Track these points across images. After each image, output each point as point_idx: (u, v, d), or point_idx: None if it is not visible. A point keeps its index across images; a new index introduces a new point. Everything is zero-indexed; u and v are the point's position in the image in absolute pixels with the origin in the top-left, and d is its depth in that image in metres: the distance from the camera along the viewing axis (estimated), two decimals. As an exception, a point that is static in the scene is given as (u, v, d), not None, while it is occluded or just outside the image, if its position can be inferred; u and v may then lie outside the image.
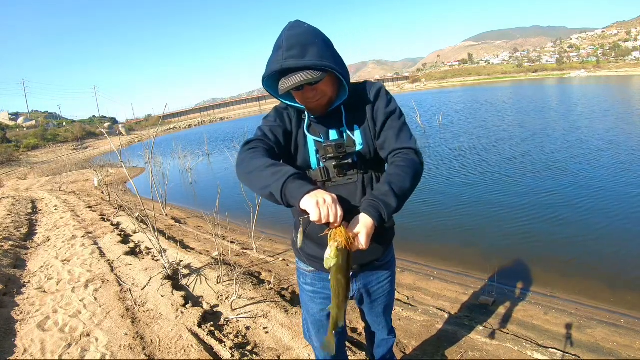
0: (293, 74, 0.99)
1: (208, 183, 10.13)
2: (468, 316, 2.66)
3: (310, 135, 1.14)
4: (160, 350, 2.24)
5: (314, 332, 1.36)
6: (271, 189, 0.90)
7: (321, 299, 1.28)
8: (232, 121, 58.35)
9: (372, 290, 1.30)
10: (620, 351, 2.21)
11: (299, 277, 1.35)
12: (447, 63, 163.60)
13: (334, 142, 1.08)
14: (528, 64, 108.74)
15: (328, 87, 1.07)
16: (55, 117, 70.63)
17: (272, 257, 4.09)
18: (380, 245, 1.20)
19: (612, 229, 4.16)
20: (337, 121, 1.14)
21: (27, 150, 34.35)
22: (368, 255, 1.17)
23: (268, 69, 1.03)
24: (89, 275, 3.55)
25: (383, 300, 1.35)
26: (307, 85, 1.03)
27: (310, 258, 1.23)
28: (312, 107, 1.11)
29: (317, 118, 1.14)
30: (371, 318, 1.42)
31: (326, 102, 1.10)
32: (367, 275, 1.27)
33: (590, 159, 7.17)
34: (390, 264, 1.33)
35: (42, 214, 7.36)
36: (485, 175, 6.88)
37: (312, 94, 1.05)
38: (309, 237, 1.18)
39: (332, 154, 1.09)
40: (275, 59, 1.01)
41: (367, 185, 1.13)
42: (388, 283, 1.33)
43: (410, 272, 3.59)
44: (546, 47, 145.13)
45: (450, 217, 5.07)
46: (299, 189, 0.87)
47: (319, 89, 1.05)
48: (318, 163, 1.14)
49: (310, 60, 0.98)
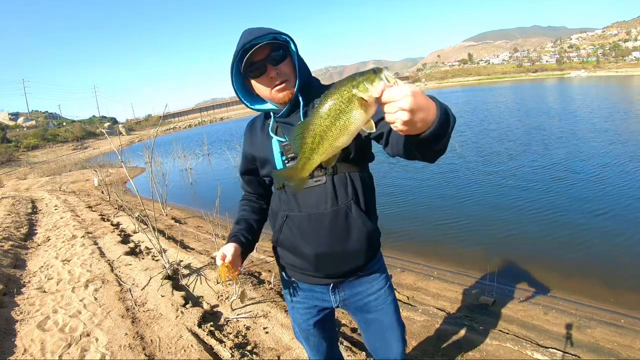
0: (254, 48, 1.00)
1: (208, 183, 10.12)
2: (468, 316, 2.66)
3: (276, 136, 1.12)
4: (160, 350, 2.24)
5: (302, 338, 1.34)
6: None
7: (304, 309, 1.25)
8: (232, 121, 58.35)
9: (362, 303, 1.20)
10: (620, 351, 2.21)
11: (284, 286, 1.31)
12: (447, 63, 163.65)
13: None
14: (528, 64, 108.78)
15: (290, 70, 1.08)
16: (55, 117, 70.69)
17: (272, 257, 4.08)
18: (361, 251, 1.11)
19: (613, 229, 4.16)
20: (299, 118, 1.09)
21: (27, 150, 34.35)
22: (349, 263, 1.12)
23: (233, 58, 1.05)
24: (89, 275, 3.55)
25: (380, 316, 1.20)
26: (270, 65, 1.04)
27: (288, 265, 1.22)
28: (277, 95, 1.08)
29: (282, 119, 1.12)
30: (370, 339, 1.28)
31: (291, 88, 1.08)
32: (352, 285, 1.18)
33: (590, 159, 7.17)
34: (378, 275, 1.21)
35: (42, 214, 7.36)
36: (485, 175, 6.88)
37: (275, 73, 1.05)
38: (284, 245, 1.18)
39: (293, 154, 1.07)
40: (237, 47, 1.03)
41: (339, 187, 1.07)
42: (382, 296, 1.20)
43: (410, 272, 3.59)
44: (546, 47, 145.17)
45: (450, 217, 5.06)
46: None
47: (281, 69, 1.05)
48: (284, 166, 1.11)
49: (272, 30, 1.03)
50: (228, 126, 40.23)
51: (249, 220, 1.27)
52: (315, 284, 1.20)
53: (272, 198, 1.25)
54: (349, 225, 1.08)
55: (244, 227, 1.24)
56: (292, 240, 1.14)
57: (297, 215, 1.11)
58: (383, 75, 0.66)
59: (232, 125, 39.91)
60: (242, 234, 1.21)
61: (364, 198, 1.11)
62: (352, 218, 1.08)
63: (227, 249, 1.12)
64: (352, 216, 1.08)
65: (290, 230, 1.13)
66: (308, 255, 1.11)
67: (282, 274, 1.29)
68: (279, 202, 1.17)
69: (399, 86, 0.65)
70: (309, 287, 1.21)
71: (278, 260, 1.26)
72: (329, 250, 1.09)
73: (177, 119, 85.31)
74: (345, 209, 1.07)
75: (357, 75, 0.69)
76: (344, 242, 1.09)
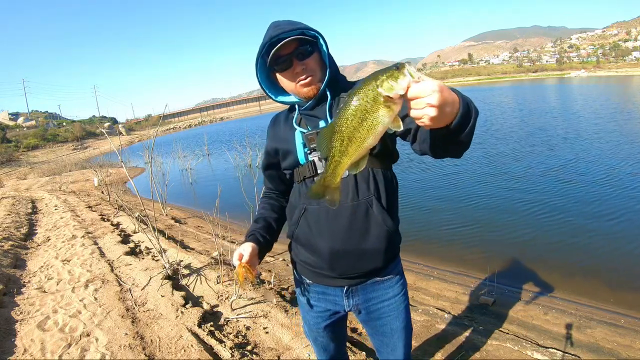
0: (282, 42, 1.00)
1: (208, 183, 10.12)
2: (468, 316, 2.66)
3: (299, 128, 1.11)
4: (160, 350, 2.24)
5: (311, 338, 1.32)
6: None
7: (316, 312, 1.22)
8: (232, 121, 58.39)
9: (374, 308, 1.16)
10: (620, 351, 2.21)
11: (296, 285, 1.29)
12: (447, 63, 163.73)
13: (317, 131, 1.05)
14: (528, 64, 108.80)
15: (316, 65, 1.07)
16: (55, 117, 70.69)
17: (272, 257, 4.09)
18: (380, 251, 1.07)
19: (612, 230, 4.16)
20: (325, 111, 1.09)
21: (27, 150, 34.35)
22: (366, 263, 1.08)
23: (259, 51, 1.04)
24: (89, 275, 3.55)
25: (389, 321, 1.17)
26: (297, 61, 1.03)
27: (302, 263, 1.19)
28: (302, 89, 1.07)
29: (307, 111, 1.11)
30: (376, 341, 1.25)
31: (316, 83, 1.07)
32: (367, 290, 1.14)
33: (591, 160, 7.18)
34: (396, 281, 1.17)
35: (42, 214, 7.36)
36: (485, 175, 6.88)
37: (301, 68, 1.04)
38: (299, 240, 1.16)
39: (315, 144, 1.04)
40: (264, 39, 1.03)
41: (361, 181, 1.04)
42: (395, 302, 1.16)
43: (410, 272, 3.59)
44: (546, 47, 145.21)
45: (450, 217, 5.06)
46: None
47: (308, 65, 1.05)
48: (306, 158, 1.09)
49: (301, 26, 1.03)
50: (228, 126, 40.21)
51: (268, 219, 1.25)
52: (329, 286, 1.15)
53: (291, 192, 1.21)
54: (369, 222, 1.05)
55: (262, 226, 1.21)
56: (307, 234, 1.11)
57: (316, 208, 1.08)
58: (406, 71, 0.64)
59: (232, 126, 39.89)
60: (259, 233, 1.19)
61: (386, 195, 1.07)
62: (372, 214, 1.04)
63: (244, 249, 1.10)
64: (372, 212, 1.04)
65: (307, 223, 1.11)
66: (323, 251, 1.08)
67: (295, 273, 1.26)
68: (298, 196, 1.15)
69: (425, 82, 0.63)
70: (323, 289, 1.17)
71: (292, 258, 1.24)
72: (345, 246, 1.05)
73: (177, 119, 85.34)
74: (366, 204, 1.04)
75: (380, 72, 0.67)
76: (362, 238, 1.05)
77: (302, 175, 1.11)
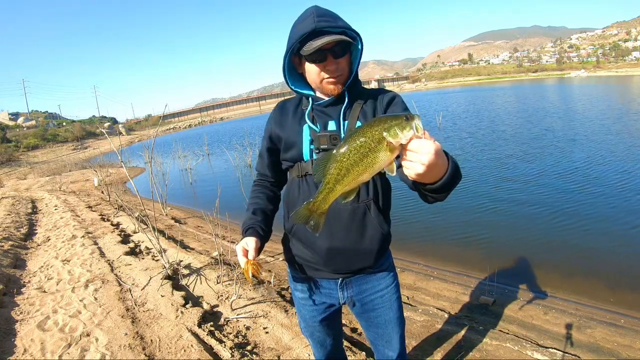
0: (325, 36, 0.99)
1: (208, 183, 10.12)
2: (468, 316, 2.66)
3: (310, 123, 1.11)
4: (160, 350, 2.24)
5: (307, 333, 1.34)
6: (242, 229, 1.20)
7: (311, 305, 1.24)
8: (232, 121, 58.39)
9: (367, 300, 1.21)
10: (620, 351, 2.21)
11: (290, 281, 1.31)
12: (447, 63, 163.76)
13: (329, 133, 1.06)
14: (528, 64, 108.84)
15: (346, 65, 1.08)
16: (55, 117, 70.68)
17: (272, 257, 4.09)
18: (372, 252, 1.12)
19: (612, 230, 4.16)
20: (339, 113, 1.10)
21: (27, 150, 34.34)
22: (359, 261, 1.12)
23: (297, 34, 1.01)
24: (89, 275, 3.55)
25: (383, 312, 1.22)
26: (331, 57, 1.03)
27: (296, 257, 1.20)
28: (328, 86, 1.08)
29: (321, 107, 1.12)
30: (371, 333, 1.29)
31: (341, 83, 1.08)
32: (360, 282, 1.19)
33: (591, 160, 7.17)
34: (387, 273, 1.22)
35: (42, 214, 7.36)
36: (485, 175, 6.88)
37: (334, 67, 1.04)
38: (297, 236, 1.16)
39: (325, 145, 1.06)
40: (305, 24, 1.01)
41: (362, 185, 1.05)
42: (388, 293, 1.22)
43: (410, 272, 3.59)
44: (546, 47, 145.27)
45: (450, 217, 5.06)
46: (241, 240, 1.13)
47: (340, 64, 1.05)
48: (311, 155, 1.10)
49: (344, 24, 1.03)
50: (228, 127, 40.22)
51: (266, 210, 1.24)
52: (323, 279, 1.18)
53: (289, 186, 1.21)
54: (366, 224, 1.09)
55: (261, 219, 1.20)
56: (306, 231, 1.10)
57: None
58: (414, 124, 0.70)
59: (232, 126, 39.89)
60: (259, 226, 1.17)
61: (382, 200, 1.12)
62: (369, 217, 1.09)
63: (248, 244, 1.09)
64: (370, 215, 1.09)
65: None
66: (320, 249, 1.10)
67: (289, 269, 1.27)
68: (297, 192, 1.15)
69: (425, 140, 0.69)
70: (317, 282, 1.20)
71: (287, 252, 1.24)
72: (342, 245, 1.09)
73: (177, 119, 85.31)
74: (364, 207, 1.09)
75: (391, 118, 0.72)
76: (358, 239, 1.09)
77: (305, 171, 1.11)
